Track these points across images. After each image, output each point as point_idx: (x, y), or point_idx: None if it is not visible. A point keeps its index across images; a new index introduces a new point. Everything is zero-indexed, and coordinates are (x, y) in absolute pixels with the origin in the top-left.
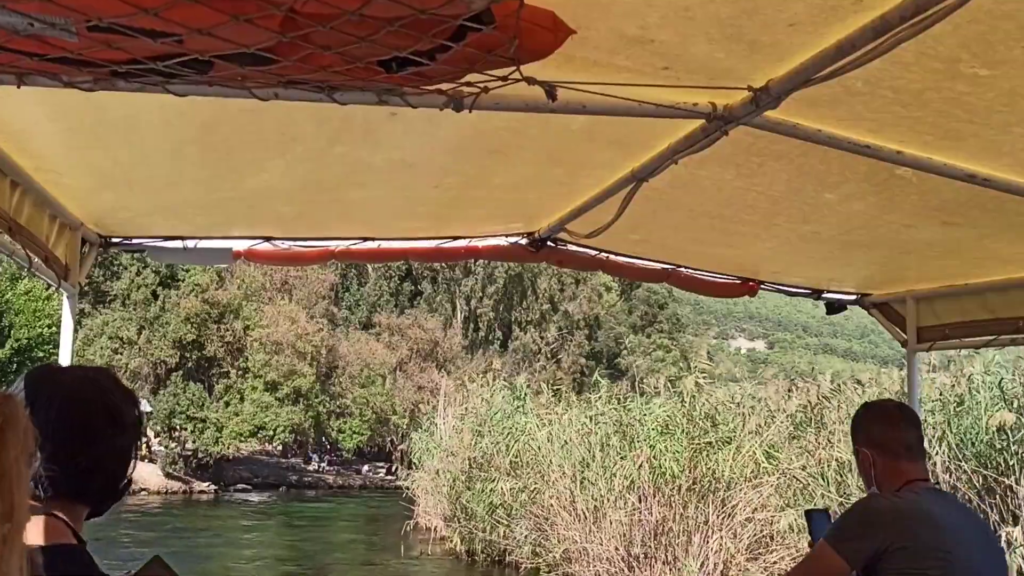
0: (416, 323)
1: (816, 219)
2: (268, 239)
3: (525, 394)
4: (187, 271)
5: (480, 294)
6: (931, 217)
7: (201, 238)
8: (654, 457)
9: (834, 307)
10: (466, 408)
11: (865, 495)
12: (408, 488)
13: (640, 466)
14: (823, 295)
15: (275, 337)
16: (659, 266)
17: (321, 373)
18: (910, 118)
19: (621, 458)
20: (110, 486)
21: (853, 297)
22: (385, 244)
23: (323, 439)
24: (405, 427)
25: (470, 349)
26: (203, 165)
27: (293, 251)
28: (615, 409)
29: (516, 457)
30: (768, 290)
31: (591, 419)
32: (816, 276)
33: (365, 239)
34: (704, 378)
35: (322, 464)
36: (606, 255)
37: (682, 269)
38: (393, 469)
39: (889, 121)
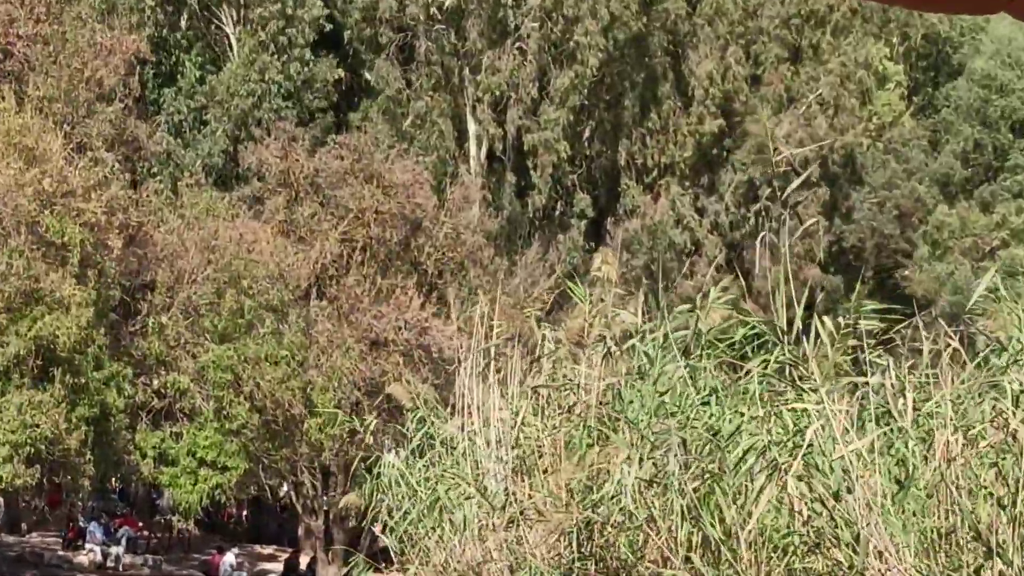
0: (359, 169)
1: None
2: None
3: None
4: None
5: (529, 88)
6: None
7: None
8: None
9: None
10: (552, 395)
11: None
12: None
13: None
14: None
15: None
16: None
17: (108, 303)
18: None
19: None
20: None
21: None
22: None
23: (117, 483)
24: (340, 451)
25: (507, 237)
26: None
27: None
28: None
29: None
30: None
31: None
32: None
33: None
34: None
35: (113, 548)
36: None
37: None
38: (311, 568)
39: None
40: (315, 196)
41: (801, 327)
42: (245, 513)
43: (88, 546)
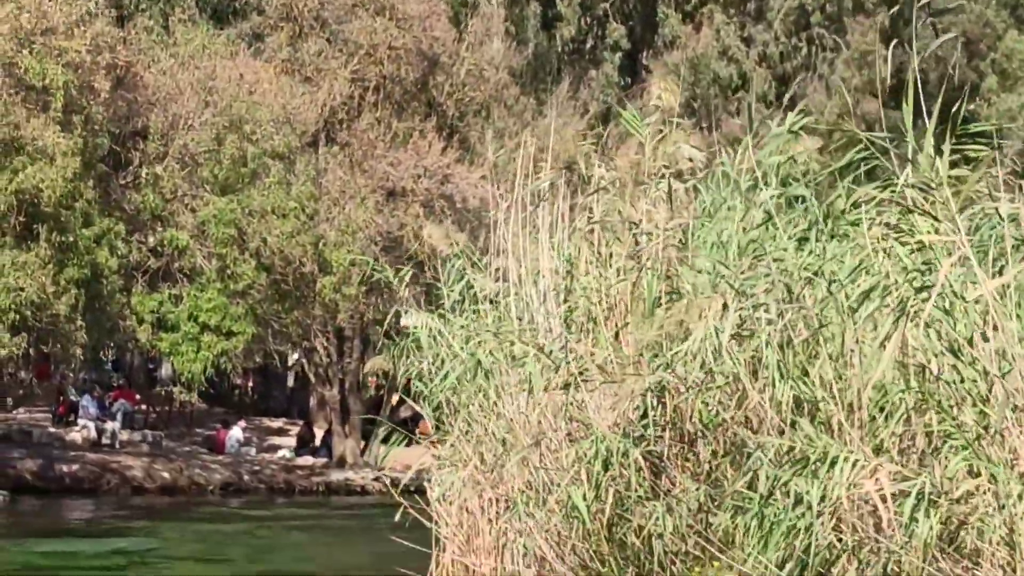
0: (369, 0)
1: None
2: None
3: None
4: None
5: None
6: None
7: None
8: None
9: None
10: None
11: None
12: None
13: None
14: None
15: None
16: None
17: (96, 153)
18: None
19: None
20: None
21: None
22: None
23: (112, 352)
24: (356, 313)
25: (534, 74)
26: None
27: None
28: None
29: None
30: None
31: None
32: None
33: None
34: None
35: (108, 424)
36: None
37: None
38: (325, 442)
39: None
40: (321, 31)
41: None
42: (250, 384)
43: (81, 422)
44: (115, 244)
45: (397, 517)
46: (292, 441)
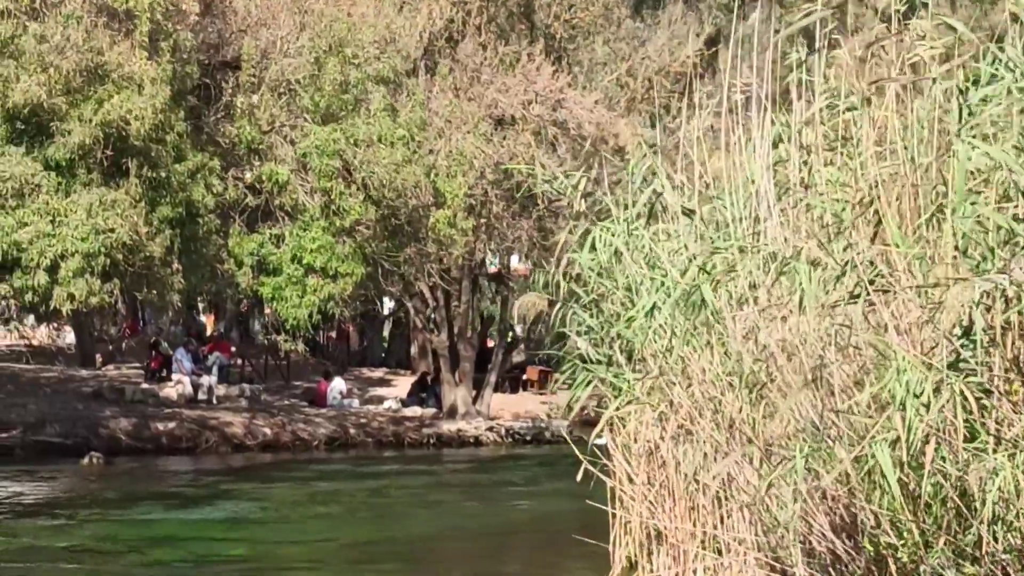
0: None
1: None
2: None
3: None
4: None
5: None
6: None
7: None
8: None
9: None
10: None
11: None
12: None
13: None
14: None
15: None
16: None
17: (186, 82)
18: None
19: None
20: None
21: None
22: None
23: (207, 298)
24: (465, 249)
25: None
26: None
27: None
28: None
29: None
30: None
31: None
32: None
33: None
34: None
35: (204, 378)
36: None
37: None
38: (433, 391)
39: None
40: None
41: None
42: (350, 332)
43: (175, 377)
44: (210, 180)
45: (579, 476)
46: (395, 392)
